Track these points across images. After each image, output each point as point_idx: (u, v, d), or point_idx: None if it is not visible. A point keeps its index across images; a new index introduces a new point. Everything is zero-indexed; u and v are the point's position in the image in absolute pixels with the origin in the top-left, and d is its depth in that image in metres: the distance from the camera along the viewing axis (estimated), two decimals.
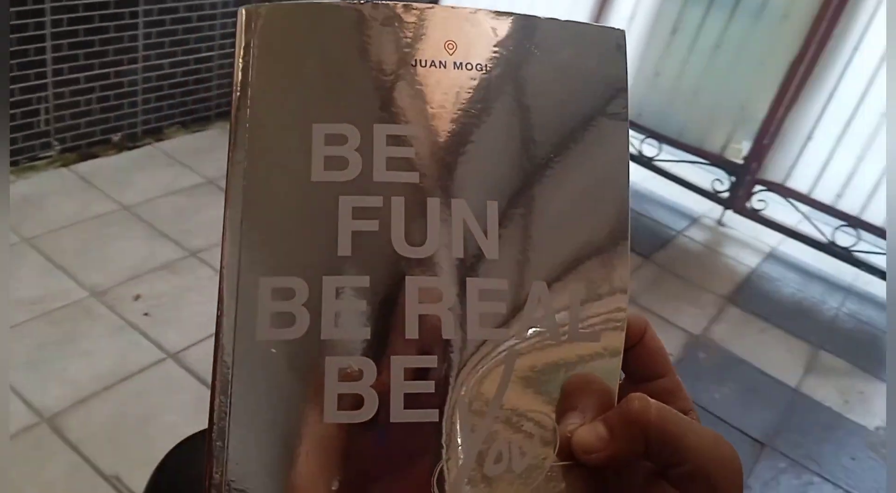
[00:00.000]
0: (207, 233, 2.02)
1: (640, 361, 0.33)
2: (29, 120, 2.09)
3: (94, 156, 2.23)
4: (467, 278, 0.30)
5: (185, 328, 1.70)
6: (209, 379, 0.29)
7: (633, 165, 2.66)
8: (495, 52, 0.32)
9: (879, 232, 2.39)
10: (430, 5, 0.32)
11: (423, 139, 0.31)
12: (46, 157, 2.17)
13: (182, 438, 0.67)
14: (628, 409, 0.29)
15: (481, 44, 0.32)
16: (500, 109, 0.32)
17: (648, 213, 2.64)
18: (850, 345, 2.24)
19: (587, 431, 0.30)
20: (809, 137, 2.49)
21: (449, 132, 0.31)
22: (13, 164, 2.10)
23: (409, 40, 0.31)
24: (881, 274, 2.38)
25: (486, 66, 0.32)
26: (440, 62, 0.31)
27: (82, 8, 2.06)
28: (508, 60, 0.32)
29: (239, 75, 0.30)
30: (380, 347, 0.29)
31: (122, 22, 2.18)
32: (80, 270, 1.79)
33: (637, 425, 0.29)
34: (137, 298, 1.76)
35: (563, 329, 0.31)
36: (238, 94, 0.30)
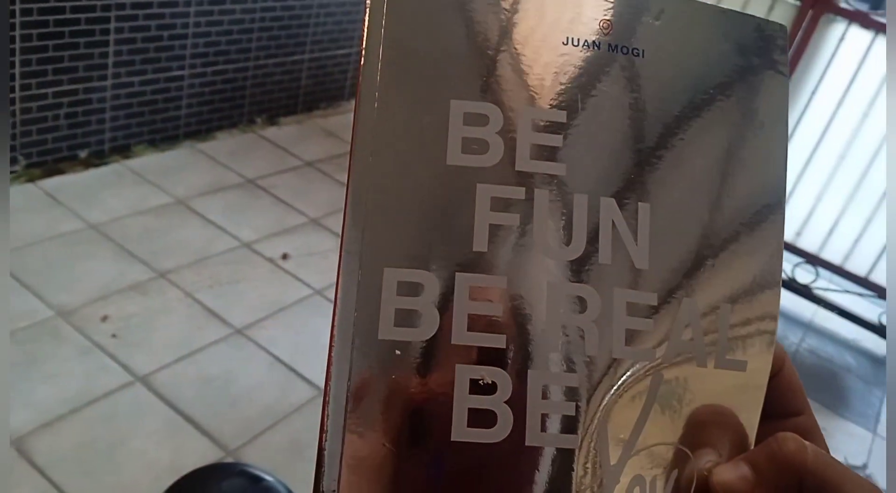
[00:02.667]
0: (177, 254, 1.98)
1: (778, 394, 0.30)
2: None
3: (61, 172, 2.18)
4: (615, 289, 0.27)
5: (155, 351, 1.67)
6: (179, 404, 0.26)
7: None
8: (653, 37, 0.29)
9: (837, 270, 2.47)
10: None
11: (572, 128, 0.28)
12: (12, 172, 2.11)
13: (160, 466, 0.66)
14: (781, 450, 0.26)
15: (639, 27, 0.29)
16: (657, 99, 0.28)
17: None
18: (811, 381, 2.27)
19: (729, 470, 0.27)
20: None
21: (600, 122, 0.28)
22: None
23: (561, 17, 0.28)
24: (839, 311, 2.46)
25: (642, 51, 0.28)
26: (594, 43, 0.28)
27: (52, 23, 2.03)
28: (666, 47, 0.29)
29: (366, 39, 0.27)
30: (516, 358, 0.26)
31: (93, 38, 2.15)
32: (46, 289, 1.74)
33: (791, 468, 0.26)
34: (105, 319, 1.71)
35: (711, 353, 0.28)
36: (365, 60, 0.27)
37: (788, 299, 2.58)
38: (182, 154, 2.47)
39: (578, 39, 0.28)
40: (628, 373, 0.27)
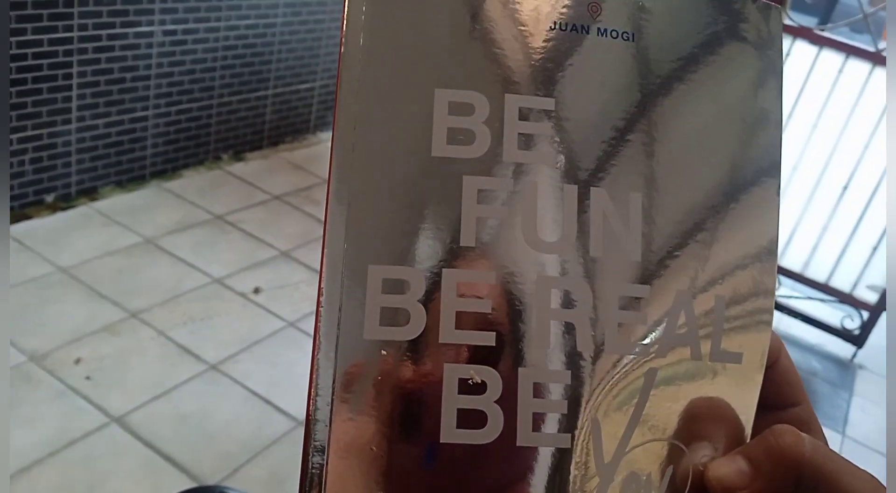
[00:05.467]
0: (148, 293, 1.99)
1: (774, 386, 0.29)
2: None
3: (28, 217, 2.18)
4: (607, 283, 0.26)
5: (129, 391, 1.67)
6: (156, 442, 0.23)
7: None
8: (644, 19, 0.28)
9: (797, 277, 2.55)
10: None
11: (560, 116, 0.26)
12: None
13: None
14: (778, 442, 0.25)
15: (628, 9, 0.27)
16: (648, 85, 0.27)
17: None
18: None
19: (725, 464, 0.26)
20: None
21: (589, 109, 0.27)
22: None
23: (548, 1, 0.27)
24: (803, 318, 2.52)
25: (632, 35, 0.27)
26: (583, 27, 0.27)
27: (15, 70, 2.04)
28: (657, 31, 0.28)
29: (345, 26, 0.26)
30: (506, 356, 0.25)
31: (56, 83, 2.16)
32: (17, 334, 1.73)
33: (789, 461, 0.25)
34: (78, 361, 1.71)
35: (705, 346, 0.27)
36: (345, 48, 0.25)
37: None
38: (149, 194, 2.48)
39: (566, 24, 0.27)
40: (622, 368, 0.26)
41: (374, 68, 0.26)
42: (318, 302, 0.25)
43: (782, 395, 0.29)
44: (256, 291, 2.11)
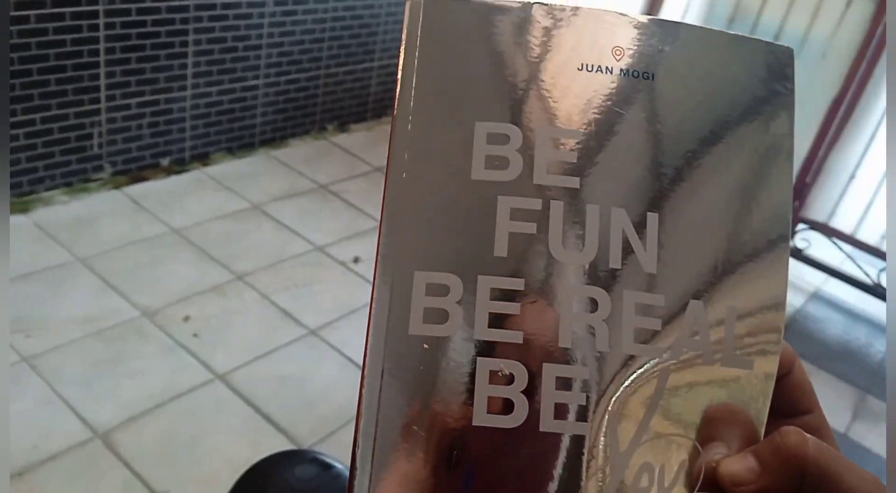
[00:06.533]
0: (254, 257, 2.04)
1: (787, 394, 0.31)
2: (82, 143, 2.14)
3: (144, 179, 2.28)
4: (624, 291, 0.30)
5: (233, 350, 1.71)
6: (256, 401, 0.29)
7: None
8: (663, 62, 0.31)
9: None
10: (601, 9, 0.32)
11: (584, 145, 0.30)
12: (98, 179, 2.21)
13: (235, 458, 0.67)
14: (784, 442, 0.28)
15: (648, 52, 0.31)
16: (664, 118, 0.31)
17: None
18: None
19: (736, 462, 0.28)
20: (852, 177, 2.48)
21: (610, 139, 0.31)
22: (67, 185, 2.14)
23: (575, 44, 0.31)
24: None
25: (652, 75, 0.31)
26: (607, 68, 0.31)
27: (135, 36, 2.12)
28: (674, 70, 0.32)
29: (402, 68, 0.30)
30: (532, 352, 0.29)
31: (173, 51, 2.23)
32: (131, 290, 1.81)
33: (794, 459, 0.27)
34: (187, 319, 1.77)
35: (717, 352, 0.30)
36: (401, 86, 0.30)
37: (873, 305, 2.49)
38: (258, 161, 2.54)
39: (592, 65, 0.31)
40: (638, 368, 0.29)
41: (424, 103, 0.30)
42: (371, 302, 0.29)
43: (795, 403, 0.32)
44: (356, 260, 2.13)
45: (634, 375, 0.29)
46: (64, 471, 1.35)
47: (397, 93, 0.30)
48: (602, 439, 0.29)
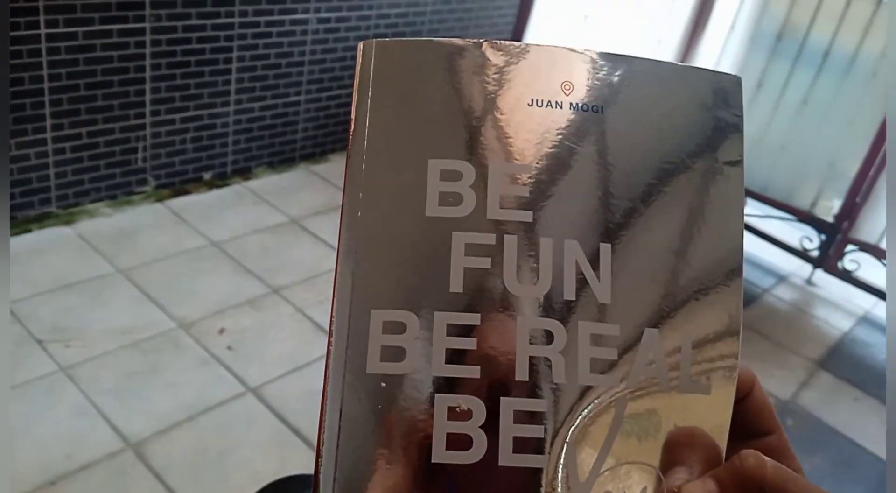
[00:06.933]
0: (290, 271, 2.05)
1: (747, 416, 0.32)
2: (127, 157, 2.18)
3: (187, 192, 2.31)
4: (580, 322, 0.30)
5: (266, 364, 1.72)
6: (287, 416, 0.29)
7: None
8: (611, 94, 0.32)
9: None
10: (550, 45, 0.33)
11: (536, 179, 0.31)
12: (142, 192, 2.25)
13: (267, 476, 0.67)
14: (742, 466, 0.28)
15: (597, 86, 0.32)
16: (615, 151, 0.32)
17: None
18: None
19: (697, 487, 0.29)
20: None
21: (562, 172, 0.31)
22: (112, 197, 2.19)
23: (525, 80, 0.31)
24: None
25: (601, 107, 0.32)
26: (557, 103, 0.31)
27: (180, 53, 2.16)
28: (624, 102, 0.32)
29: (355, 109, 0.31)
30: (490, 387, 0.29)
31: (217, 67, 2.27)
32: (169, 302, 1.84)
33: (751, 482, 0.28)
34: (222, 331, 1.79)
35: (674, 379, 0.30)
36: (354, 127, 0.31)
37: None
38: (298, 176, 2.57)
39: (543, 100, 0.31)
40: (595, 398, 0.30)
41: (377, 143, 0.30)
42: (329, 342, 0.29)
43: (755, 425, 0.32)
44: None
45: (592, 405, 0.29)
46: (96, 481, 1.37)
47: (351, 132, 0.31)
48: (561, 470, 0.29)
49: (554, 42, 0.33)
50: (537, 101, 0.31)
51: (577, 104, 0.31)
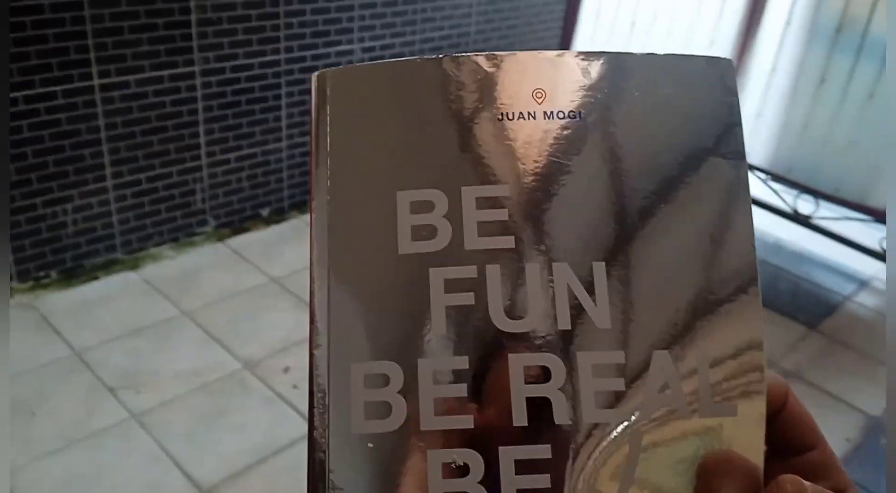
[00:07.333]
0: None
1: (784, 432, 0.29)
2: (186, 199, 2.21)
3: (246, 230, 2.33)
4: (578, 353, 0.27)
5: None
6: None
7: (787, 224, 2.52)
8: (588, 96, 0.29)
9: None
10: (513, 53, 0.30)
11: (515, 199, 0.28)
12: (203, 233, 2.28)
13: None
14: None
15: (573, 89, 0.29)
16: (599, 158, 0.28)
17: (809, 276, 2.46)
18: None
19: None
20: None
21: (543, 189, 0.28)
22: (174, 240, 2.22)
23: (493, 93, 0.29)
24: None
25: (579, 112, 0.29)
26: (529, 113, 0.29)
27: (230, 93, 2.19)
28: (604, 104, 0.29)
29: (314, 145, 0.28)
30: (486, 437, 0.26)
31: (267, 104, 2.29)
32: (233, 342, 1.84)
33: None
34: (286, 370, 1.78)
35: (693, 404, 0.27)
36: (315, 166, 0.28)
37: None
38: None
39: (513, 113, 0.28)
40: (605, 435, 0.27)
41: (341, 181, 0.28)
42: (310, 403, 0.27)
43: (795, 440, 0.29)
44: None
45: (603, 444, 0.27)
46: None
47: (312, 172, 0.28)
48: None
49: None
50: (507, 114, 0.28)
51: (551, 112, 0.29)
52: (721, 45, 2.79)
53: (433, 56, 0.29)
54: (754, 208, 0.29)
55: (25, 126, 1.83)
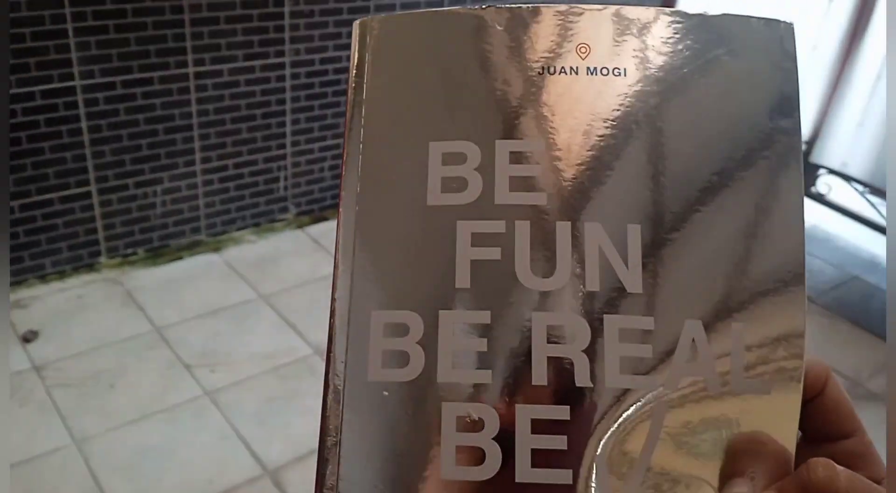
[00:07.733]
0: None
1: (821, 417, 0.27)
2: (270, 186, 2.27)
3: (325, 219, 2.37)
4: (605, 316, 0.26)
5: None
6: None
7: (853, 225, 2.39)
8: (636, 54, 0.28)
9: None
10: (559, 6, 0.28)
11: (551, 156, 0.27)
12: (283, 219, 2.33)
13: None
14: (811, 478, 0.24)
15: (619, 46, 0.28)
16: (642, 118, 0.27)
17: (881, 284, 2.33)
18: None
19: None
20: None
21: (581, 147, 0.27)
22: (256, 225, 2.28)
23: (535, 46, 0.28)
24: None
25: (624, 70, 0.28)
26: (572, 68, 0.28)
27: (318, 85, 2.23)
28: (652, 63, 0.28)
29: (351, 92, 0.28)
30: (503, 393, 0.26)
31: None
32: (307, 327, 1.88)
33: None
34: None
35: (725, 378, 0.26)
36: (351, 112, 0.28)
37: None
38: None
39: (555, 67, 0.28)
40: (629, 403, 0.26)
41: (375, 128, 0.28)
42: (328, 348, 0.27)
43: (832, 427, 0.28)
44: None
45: (625, 411, 0.26)
46: None
47: (347, 119, 0.28)
48: (591, 486, 0.25)
49: None
50: (549, 68, 0.28)
51: (595, 68, 0.28)
52: (824, 50, 2.67)
53: (477, 6, 0.28)
54: (850, 222, 0.27)
55: (122, 109, 1.91)
